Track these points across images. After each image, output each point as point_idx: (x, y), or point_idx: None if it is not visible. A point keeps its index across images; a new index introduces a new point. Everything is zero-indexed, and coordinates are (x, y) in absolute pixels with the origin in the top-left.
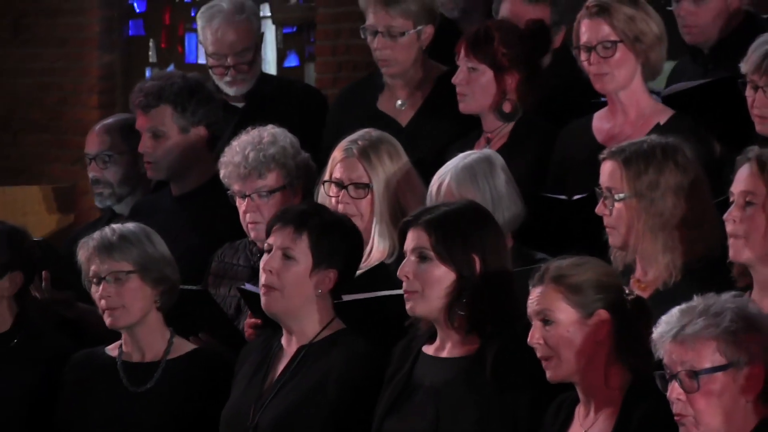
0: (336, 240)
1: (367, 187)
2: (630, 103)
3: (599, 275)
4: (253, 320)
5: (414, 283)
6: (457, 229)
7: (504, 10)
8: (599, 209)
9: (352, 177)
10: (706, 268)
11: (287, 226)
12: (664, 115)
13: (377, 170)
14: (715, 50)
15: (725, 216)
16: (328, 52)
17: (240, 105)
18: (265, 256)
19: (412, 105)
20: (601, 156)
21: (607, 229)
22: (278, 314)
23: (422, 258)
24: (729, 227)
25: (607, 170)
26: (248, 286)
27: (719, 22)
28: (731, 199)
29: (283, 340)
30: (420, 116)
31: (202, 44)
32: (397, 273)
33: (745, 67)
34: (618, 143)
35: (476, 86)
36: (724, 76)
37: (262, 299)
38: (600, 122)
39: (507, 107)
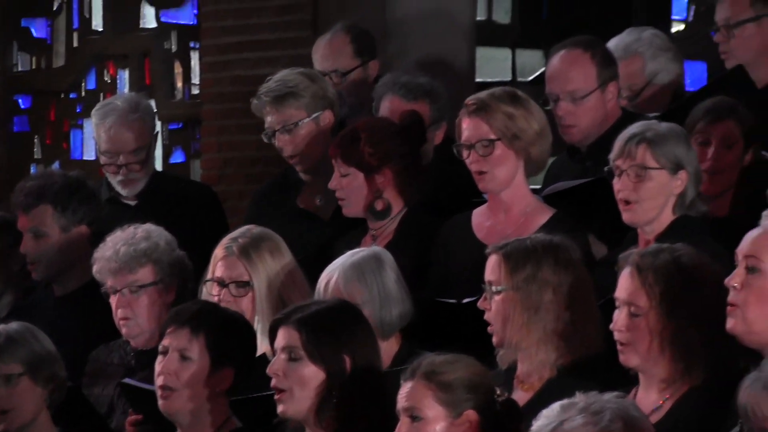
0: (232, 338)
1: (247, 285)
2: (512, 201)
3: (471, 374)
4: (134, 417)
5: (284, 382)
6: (327, 328)
7: (384, 108)
8: (481, 303)
9: (233, 275)
10: (584, 366)
11: (183, 327)
12: (545, 214)
13: (258, 268)
14: (593, 148)
15: (612, 325)
16: (214, 149)
17: (132, 203)
18: (160, 358)
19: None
20: (487, 251)
21: (489, 327)
22: (176, 415)
23: (292, 357)
24: (616, 335)
25: (490, 264)
26: (129, 381)
27: (597, 122)
28: (617, 304)
29: None
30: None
31: (96, 142)
32: (267, 370)
33: (611, 156)
34: (500, 240)
35: (350, 190)
36: (602, 176)
37: (160, 402)
38: (480, 219)
39: (379, 205)
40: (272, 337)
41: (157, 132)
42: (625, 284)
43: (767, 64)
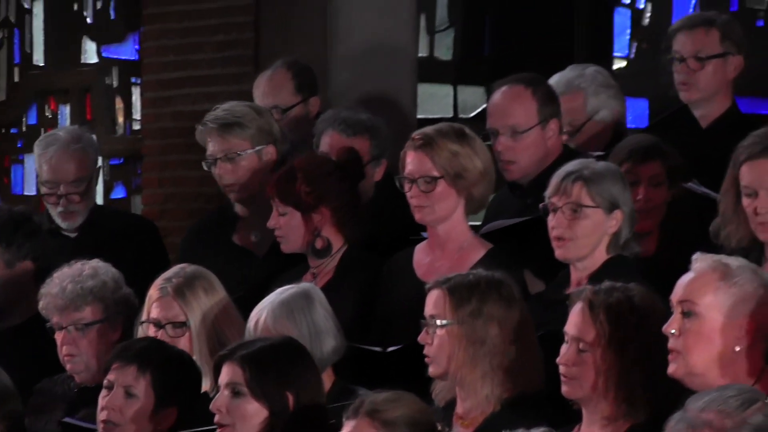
0: (177, 377)
1: (184, 325)
2: (448, 236)
3: (413, 412)
4: None
5: (226, 418)
6: (271, 366)
7: (324, 144)
8: (422, 338)
9: (169, 316)
10: (527, 401)
11: (129, 364)
12: (480, 249)
13: (193, 307)
14: (534, 184)
15: (558, 359)
16: (155, 184)
17: (73, 235)
18: (104, 393)
19: (269, 236)
20: (428, 286)
21: (426, 359)
22: None
23: (235, 393)
24: (561, 369)
25: (432, 299)
26: (70, 419)
27: (537, 159)
28: (566, 338)
29: None
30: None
31: (37, 173)
32: (210, 406)
33: (547, 192)
34: (437, 277)
35: (289, 229)
36: (538, 215)
37: None
38: (420, 256)
39: (318, 244)
40: (217, 372)
41: (100, 166)
42: (575, 319)
43: (718, 102)
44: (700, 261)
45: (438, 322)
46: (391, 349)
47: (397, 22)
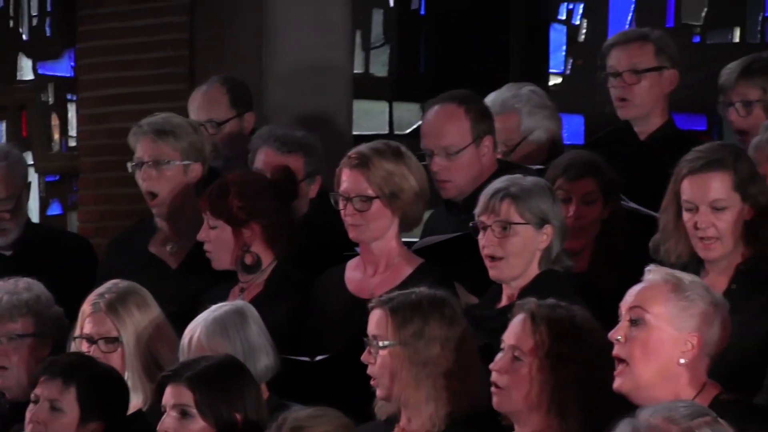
0: (104, 392)
1: (116, 341)
2: (381, 253)
3: (336, 428)
4: None
5: None
6: (219, 386)
7: (259, 161)
8: (365, 358)
9: (101, 332)
10: (471, 419)
11: (56, 377)
12: (411, 264)
13: (126, 323)
14: (469, 202)
15: (491, 365)
16: (91, 201)
17: (8, 252)
18: (31, 407)
19: (183, 249)
20: (370, 305)
21: (372, 380)
22: None
23: (183, 414)
24: (493, 376)
25: (374, 318)
26: None
27: (472, 176)
28: (501, 346)
29: None
30: (190, 260)
31: None
32: (158, 427)
33: (476, 211)
34: (368, 293)
35: (218, 243)
36: (469, 231)
37: None
38: (352, 272)
39: (248, 259)
40: (159, 392)
41: (30, 182)
42: (515, 329)
43: (656, 116)
44: (653, 272)
45: (380, 343)
46: (319, 358)
47: (332, 38)
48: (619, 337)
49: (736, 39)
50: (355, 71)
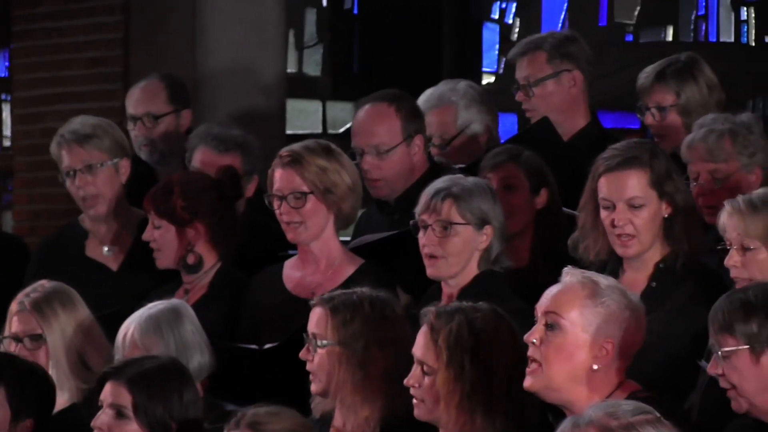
0: (31, 389)
1: (41, 338)
2: (321, 253)
3: (294, 425)
4: None
5: None
6: (158, 392)
7: (196, 160)
8: (303, 354)
9: (26, 330)
10: (407, 421)
11: None
12: (352, 265)
13: (50, 321)
14: (401, 201)
15: (406, 380)
16: (26, 201)
17: None
18: None
19: (121, 250)
20: (312, 303)
21: (310, 376)
22: None
23: (119, 414)
24: (412, 391)
25: (315, 317)
26: None
27: (403, 175)
28: (415, 360)
29: None
30: (130, 260)
31: None
32: (92, 423)
33: (417, 209)
34: (308, 292)
35: (163, 242)
36: (407, 229)
37: None
38: (291, 271)
39: (191, 259)
40: (100, 386)
41: None
42: (420, 342)
43: (570, 119)
44: (569, 275)
45: (320, 341)
46: (267, 346)
47: (265, 38)
48: (534, 340)
49: (669, 37)
50: (289, 70)
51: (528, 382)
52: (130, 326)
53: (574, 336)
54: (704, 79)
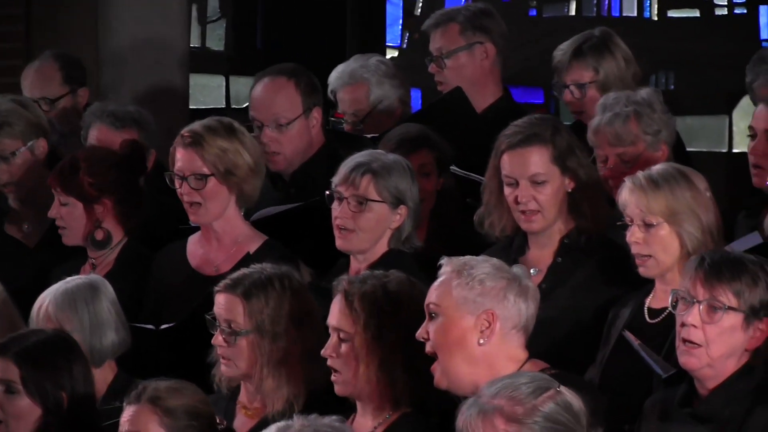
0: None
1: None
2: (224, 231)
3: (195, 402)
4: None
5: (1, 415)
6: (46, 364)
7: (92, 137)
8: (215, 341)
9: None
10: (327, 394)
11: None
12: (256, 241)
13: None
14: (297, 175)
15: (323, 351)
16: None
17: None
18: None
19: (40, 227)
20: (217, 288)
21: (221, 359)
22: None
23: (9, 390)
24: (329, 362)
25: (225, 303)
26: None
27: (301, 149)
28: (330, 330)
29: None
30: (48, 238)
31: None
32: None
33: (335, 179)
34: (213, 269)
35: (70, 220)
36: (313, 200)
37: None
38: (194, 247)
39: (99, 235)
40: None
41: None
42: (335, 310)
43: (483, 92)
44: (445, 264)
45: (235, 329)
46: (164, 327)
47: (167, 13)
48: (424, 336)
49: (572, 12)
50: (192, 46)
51: (436, 381)
52: (45, 299)
53: (452, 319)
54: (621, 53)
